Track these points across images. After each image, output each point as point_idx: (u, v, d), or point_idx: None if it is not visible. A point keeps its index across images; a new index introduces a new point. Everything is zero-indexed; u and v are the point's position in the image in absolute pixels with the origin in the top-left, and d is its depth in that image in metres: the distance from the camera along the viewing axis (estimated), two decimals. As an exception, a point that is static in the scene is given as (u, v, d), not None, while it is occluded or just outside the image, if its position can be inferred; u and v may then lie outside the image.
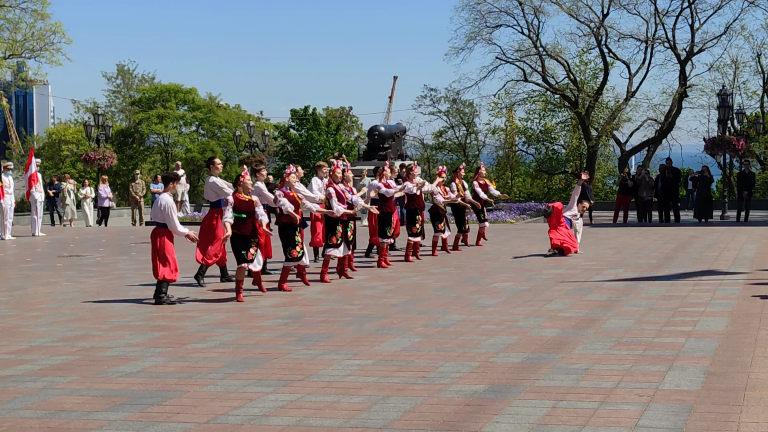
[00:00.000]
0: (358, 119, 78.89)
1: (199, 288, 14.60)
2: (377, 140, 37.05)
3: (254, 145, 51.28)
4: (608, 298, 12.54)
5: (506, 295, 13.11)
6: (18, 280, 16.31)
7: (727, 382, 7.55)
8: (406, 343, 9.55)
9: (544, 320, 10.84)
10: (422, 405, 7.03)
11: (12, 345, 9.91)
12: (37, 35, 48.12)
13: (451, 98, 58.99)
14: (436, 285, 14.54)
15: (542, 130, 57.58)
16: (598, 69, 53.25)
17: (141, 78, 73.22)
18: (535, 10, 50.62)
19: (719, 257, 18.06)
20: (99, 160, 38.07)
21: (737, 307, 11.50)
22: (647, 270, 16.02)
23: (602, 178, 61.04)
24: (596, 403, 6.95)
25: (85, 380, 8.10)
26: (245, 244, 13.07)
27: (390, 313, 11.61)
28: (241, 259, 13.07)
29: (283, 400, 7.27)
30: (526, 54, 51.78)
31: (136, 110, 67.80)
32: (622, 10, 50.55)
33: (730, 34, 50.10)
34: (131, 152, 66.34)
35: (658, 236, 23.95)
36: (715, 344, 9.15)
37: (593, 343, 9.33)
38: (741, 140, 35.47)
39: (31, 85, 61.89)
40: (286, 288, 14.09)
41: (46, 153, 66.64)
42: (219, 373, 8.26)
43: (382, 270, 16.85)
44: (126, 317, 11.75)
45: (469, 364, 8.45)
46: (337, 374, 8.14)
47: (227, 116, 70.64)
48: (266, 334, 10.28)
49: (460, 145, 61.49)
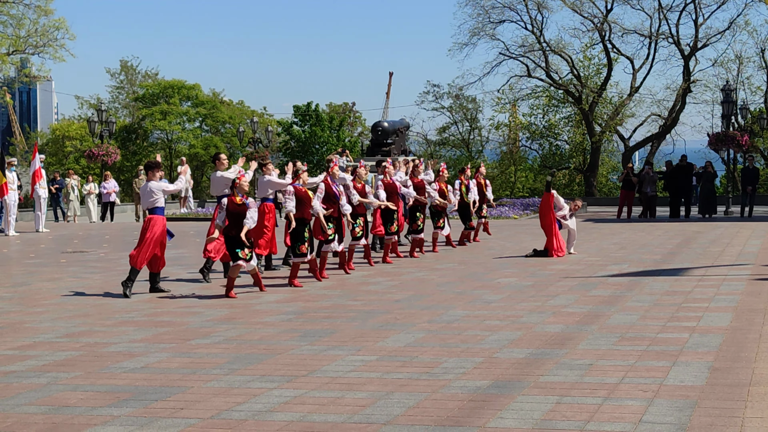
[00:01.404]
0: (361, 115, 78.92)
1: (203, 284, 14.60)
2: (380, 136, 37.07)
3: (258, 141, 51.31)
4: (612, 294, 12.53)
5: (510, 291, 13.10)
6: (22, 276, 16.33)
7: (732, 377, 7.54)
8: (410, 339, 9.55)
9: (548, 316, 10.83)
10: (426, 400, 7.02)
11: (16, 341, 9.91)
12: (41, 31, 48.11)
13: (455, 94, 58.98)
14: (439, 280, 14.53)
15: (546, 125, 57.57)
16: (601, 64, 53.25)
17: (144, 74, 73.31)
18: (539, 5, 50.58)
19: (723, 253, 18.04)
20: (102, 156, 38.09)
21: (741, 303, 11.48)
22: (651, 265, 16.01)
23: (606, 173, 61.04)
24: (600, 399, 6.94)
25: (89, 376, 8.10)
26: (239, 243, 12.98)
27: (394, 309, 11.61)
28: (235, 258, 13.01)
29: (287, 395, 7.27)
30: (530, 49, 51.76)
31: (140, 106, 67.85)
32: (626, 5, 50.55)
33: (734, 30, 50.09)
34: (135, 148, 66.42)
35: (662, 232, 23.93)
36: (720, 340, 9.13)
37: (597, 339, 9.32)
38: (745, 136, 35.44)
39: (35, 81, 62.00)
40: (296, 284, 14.05)
41: (49, 149, 66.74)
42: (223, 369, 8.26)
43: (386, 265, 16.84)
44: (130, 313, 11.76)
45: (473, 359, 8.45)
46: (341, 370, 8.14)
47: (231, 112, 70.68)
48: (270, 330, 10.28)
49: (463, 140, 61.46)
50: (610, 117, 51.85)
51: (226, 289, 13.11)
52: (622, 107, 51.81)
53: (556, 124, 57.67)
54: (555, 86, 52.73)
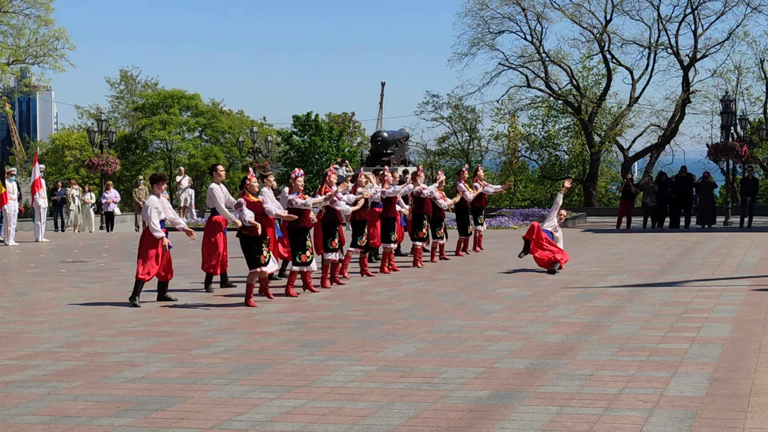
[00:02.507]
0: (360, 125, 78.96)
1: (203, 293, 14.60)
2: (380, 146, 37.10)
3: (257, 151, 51.33)
4: (612, 304, 12.53)
5: (510, 301, 13.10)
6: (22, 285, 16.33)
7: (732, 388, 7.55)
8: (410, 349, 9.55)
9: (548, 326, 10.83)
10: (426, 411, 7.03)
11: (16, 350, 9.92)
12: (41, 41, 48.19)
13: (454, 104, 59.04)
14: (439, 291, 14.53)
15: (545, 135, 57.59)
16: (600, 75, 53.30)
17: (144, 84, 73.35)
18: (538, 16, 50.69)
19: (723, 263, 18.05)
20: (102, 165, 38.11)
21: (741, 313, 11.49)
22: (651, 276, 16.01)
23: (605, 184, 61.08)
24: (600, 409, 6.95)
25: (89, 386, 8.10)
26: (257, 246, 13.02)
27: (394, 319, 11.62)
28: (255, 264, 13.02)
29: (287, 405, 7.28)
30: (529, 60, 51.83)
31: (140, 116, 67.88)
32: (625, 16, 50.62)
33: (733, 40, 50.15)
34: (134, 158, 66.42)
35: (661, 242, 23.94)
36: (719, 350, 9.14)
37: (597, 349, 9.33)
38: (744, 146, 35.47)
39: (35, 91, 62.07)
40: (292, 293, 14.03)
41: (49, 159, 66.73)
42: (223, 379, 8.26)
43: (385, 276, 16.84)
44: (130, 323, 11.76)
45: (473, 369, 8.45)
46: (341, 380, 8.14)
47: (230, 122, 70.70)
48: (270, 340, 10.28)
49: (462, 150, 61.50)
50: (609, 127, 51.89)
51: (246, 296, 13.13)
52: (622, 117, 51.85)
53: (556, 134, 57.71)
54: (554, 96, 52.78)
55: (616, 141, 53.92)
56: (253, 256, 13.03)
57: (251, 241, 13.03)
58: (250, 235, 13.04)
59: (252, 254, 13.04)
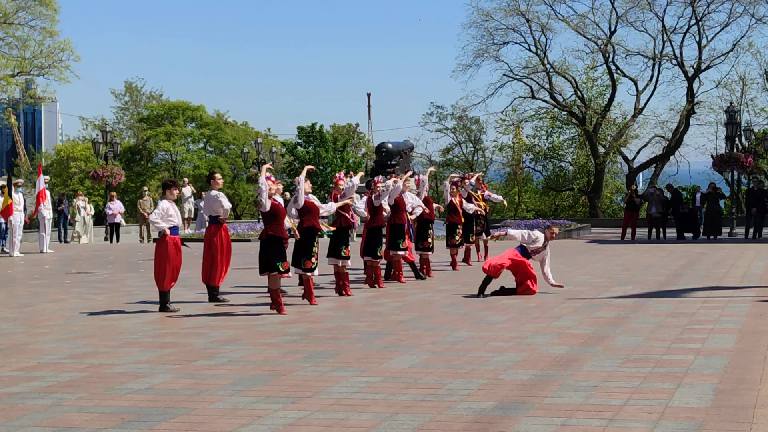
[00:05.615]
0: (364, 136, 79.03)
1: (207, 304, 14.60)
2: (385, 157, 37.11)
3: (262, 162, 51.41)
4: (617, 315, 12.51)
5: (514, 312, 13.09)
6: (26, 296, 16.34)
7: (737, 399, 7.53)
8: (415, 360, 9.54)
9: (552, 337, 10.82)
10: (431, 422, 7.01)
11: (21, 362, 9.92)
12: (46, 53, 48.37)
13: (458, 115, 59.12)
14: (444, 302, 14.52)
15: (550, 147, 57.60)
16: (605, 86, 53.38)
17: (149, 95, 73.50)
18: (543, 27, 50.83)
19: (728, 274, 18.02)
20: (107, 177, 38.19)
21: (746, 324, 11.47)
22: (655, 287, 15.99)
23: (610, 195, 61.05)
24: (605, 421, 6.93)
25: (93, 397, 8.10)
26: (279, 252, 13.03)
27: (398, 330, 11.60)
28: (270, 268, 13.04)
29: (291, 417, 7.27)
30: (534, 71, 51.95)
31: (144, 127, 68.03)
32: (630, 27, 50.79)
33: (737, 51, 50.25)
34: (139, 169, 66.56)
35: (666, 253, 23.91)
36: (724, 361, 9.12)
37: (602, 360, 9.31)
38: (749, 157, 35.47)
39: (40, 103, 62.20)
40: (314, 302, 14.07)
41: (54, 170, 66.87)
42: (227, 390, 8.26)
43: (391, 287, 16.75)
44: (134, 334, 11.76)
45: (477, 381, 8.44)
46: (346, 391, 8.13)
47: (235, 133, 70.81)
48: (274, 351, 10.28)
49: (467, 162, 61.53)
50: (614, 138, 51.93)
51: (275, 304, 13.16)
52: (626, 128, 51.90)
53: (560, 145, 57.72)
54: (559, 107, 52.85)
55: (621, 152, 53.95)
56: (269, 259, 12.98)
57: (275, 243, 12.99)
58: (276, 236, 13.02)
59: (269, 257, 12.98)
